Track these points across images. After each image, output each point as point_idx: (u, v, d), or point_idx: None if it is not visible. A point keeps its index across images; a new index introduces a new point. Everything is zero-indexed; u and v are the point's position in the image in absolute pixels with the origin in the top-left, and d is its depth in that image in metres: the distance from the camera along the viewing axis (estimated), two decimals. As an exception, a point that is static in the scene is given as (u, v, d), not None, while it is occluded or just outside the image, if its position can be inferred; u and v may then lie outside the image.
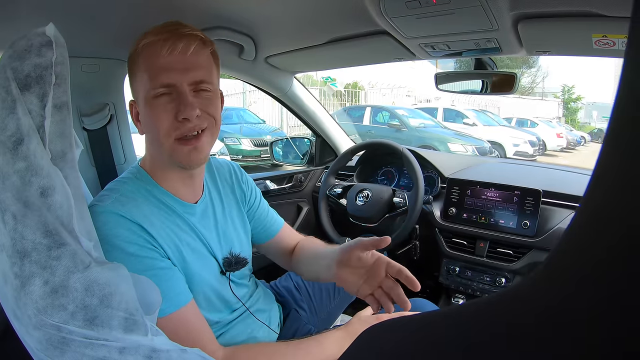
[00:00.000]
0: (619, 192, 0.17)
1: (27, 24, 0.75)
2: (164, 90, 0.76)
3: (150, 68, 0.76)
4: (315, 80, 13.48)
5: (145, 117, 0.79)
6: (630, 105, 0.18)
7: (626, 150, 0.17)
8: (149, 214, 0.78)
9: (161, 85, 0.75)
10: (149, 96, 0.76)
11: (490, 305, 0.25)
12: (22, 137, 0.55)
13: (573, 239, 0.20)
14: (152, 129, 0.79)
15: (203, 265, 0.85)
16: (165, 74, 0.75)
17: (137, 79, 0.79)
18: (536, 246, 1.36)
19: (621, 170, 0.17)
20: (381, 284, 0.86)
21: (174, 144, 0.78)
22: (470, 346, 0.23)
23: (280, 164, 2.30)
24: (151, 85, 0.76)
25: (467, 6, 0.88)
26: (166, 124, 0.76)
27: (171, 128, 0.77)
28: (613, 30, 0.92)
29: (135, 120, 0.84)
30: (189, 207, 0.86)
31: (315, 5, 1.00)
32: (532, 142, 10.77)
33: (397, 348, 0.29)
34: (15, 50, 0.57)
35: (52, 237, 0.55)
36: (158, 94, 0.76)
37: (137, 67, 0.79)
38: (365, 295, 0.88)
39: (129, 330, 0.57)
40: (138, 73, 0.78)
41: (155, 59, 0.75)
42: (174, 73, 0.75)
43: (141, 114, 0.81)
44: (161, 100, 0.76)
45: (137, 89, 0.80)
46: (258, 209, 1.08)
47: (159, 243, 0.77)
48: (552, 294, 0.20)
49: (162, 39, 0.75)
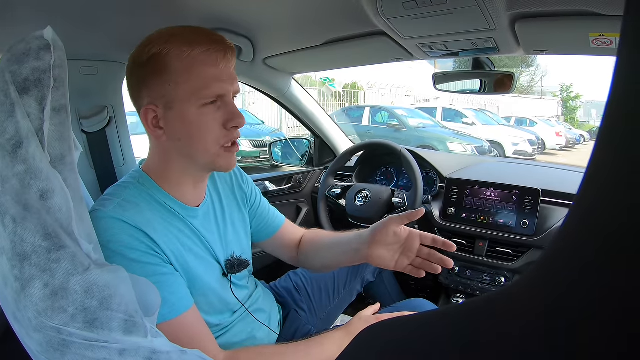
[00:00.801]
0: (613, 189, 0.17)
1: (25, 28, 0.76)
2: (215, 99, 0.77)
3: (200, 77, 0.75)
4: (313, 81, 13.47)
5: (184, 125, 0.77)
6: (624, 101, 0.18)
7: (619, 147, 0.17)
8: (152, 219, 0.77)
9: (214, 95, 0.77)
10: (195, 105, 0.76)
11: (488, 304, 0.25)
12: (21, 140, 0.55)
13: (566, 238, 0.20)
14: (196, 137, 0.78)
15: (205, 269, 0.85)
16: (218, 85, 0.76)
17: (172, 84, 0.75)
18: (535, 245, 1.37)
19: (614, 168, 0.17)
20: (418, 254, 0.92)
21: (220, 150, 0.80)
22: (469, 345, 0.23)
23: (280, 164, 2.30)
24: (201, 94, 0.75)
25: (464, 6, 0.88)
26: (216, 132, 0.78)
27: (220, 136, 0.79)
28: (610, 29, 0.92)
29: (153, 127, 0.78)
30: (191, 211, 0.86)
31: (312, 7, 1.01)
32: (531, 141, 10.77)
33: (396, 347, 0.29)
34: (13, 53, 0.58)
35: (51, 239, 0.55)
36: (207, 103, 0.77)
37: (172, 72, 0.74)
38: (404, 267, 0.93)
39: (129, 332, 0.57)
40: (174, 78, 0.75)
41: (211, 68, 0.76)
42: (225, 84, 0.78)
43: (172, 121, 0.77)
44: (208, 109, 0.77)
45: (167, 94, 0.76)
46: (259, 207, 1.09)
47: (162, 249, 0.77)
48: (546, 293, 0.20)
49: (215, 49, 0.76)
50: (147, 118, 0.77)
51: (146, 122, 0.78)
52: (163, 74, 0.75)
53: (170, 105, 0.76)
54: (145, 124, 0.79)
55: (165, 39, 0.75)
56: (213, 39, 0.77)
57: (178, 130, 0.78)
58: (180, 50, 0.74)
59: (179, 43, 0.74)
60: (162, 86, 0.75)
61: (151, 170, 0.84)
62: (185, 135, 0.78)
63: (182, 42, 0.74)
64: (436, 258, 0.90)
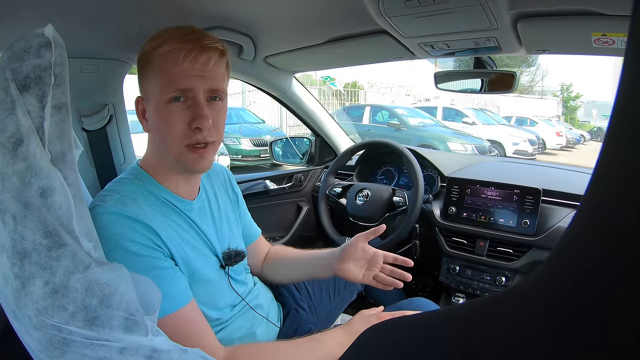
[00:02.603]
0: (621, 190, 0.17)
1: (25, 25, 0.75)
2: (179, 94, 0.78)
3: (168, 72, 0.77)
4: (314, 79, 13.47)
5: (156, 120, 0.80)
6: (632, 101, 0.17)
7: (628, 148, 0.17)
8: (151, 213, 0.78)
9: (177, 89, 0.77)
10: (163, 99, 0.77)
11: (490, 304, 0.25)
12: (22, 138, 0.55)
13: (573, 239, 0.20)
14: (162, 132, 0.80)
15: (204, 262, 0.87)
16: (183, 80, 0.77)
17: (150, 79, 0.80)
18: (536, 245, 1.36)
19: (623, 168, 0.17)
20: (382, 270, 1.04)
21: (183, 149, 0.80)
22: (471, 346, 0.23)
23: (280, 163, 2.30)
24: (167, 88, 0.77)
25: (466, 5, 0.88)
26: (178, 131, 0.78)
27: (183, 136, 0.78)
28: (612, 29, 0.92)
29: (141, 117, 0.84)
30: (187, 204, 0.88)
31: (314, 5, 1.00)
32: (531, 141, 10.77)
33: (398, 347, 0.29)
34: (14, 51, 0.57)
35: (52, 237, 0.55)
36: (172, 98, 0.77)
37: (152, 68, 0.79)
38: (369, 280, 1.04)
39: (130, 330, 0.57)
40: (152, 74, 0.79)
41: (176, 65, 0.76)
42: (192, 79, 0.78)
43: (150, 114, 0.82)
44: (175, 105, 0.78)
45: (148, 88, 0.81)
46: (243, 213, 1.12)
47: (163, 241, 0.78)
48: (553, 294, 0.20)
49: (187, 48, 0.76)
50: (138, 109, 0.85)
51: (137, 113, 0.85)
52: (147, 70, 0.80)
53: (147, 97, 0.82)
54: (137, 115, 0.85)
55: (154, 37, 0.80)
56: (184, 38, 0.77)
57: (152, 122, 0.82)
58: (158, 48, 0.78)
59: (159, 41, 0.78)
60: (146, 81, 0.81)
61: (148, 165, 0.87)
62: (156, 128, 0.82)
63: (160, 40, 0.78)
64: (397, 273, 1.04)
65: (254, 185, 1.90)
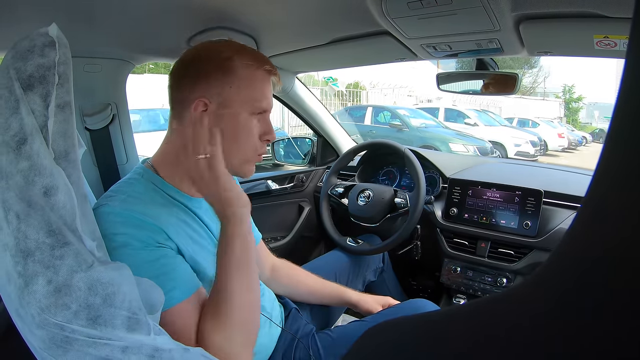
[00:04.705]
0: (622, 191, 0.17)
1: (30, 25, 0.76)
2: (263, 111, 0.86)
3: (258, 89, 0.84)
4: (316, 80, 13.45)
5: (231, 126, 0.83)
6: (633, 102, 0.18)
7: (629, 149, 0.17)
8: (158, 211, 0.78)
9: (263, 108, 0.86)
10: (247, 110, 0.83)
11: (491, 305, 0.25)
12: (26, 136, 0.55)
13: (573, 240, 0.20)
14: (237, 140, 0.84)
15: (211, 261, 0.86)
16: (267, 101, 0.86)
17: (233, 87, 0.82)
18: (537, 246, 1.36)
19: (623, 170, 0.17)
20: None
21: (254, 157, 0.88)
22: (471, 346, 0.23)
23: (282, 163, 2.30)
24: (256, 104, 0.84)
25: (469, 7, 0.88)
26: (255, 140, 0.86)
27: (258, 145, 0.87)
28: (614, 31, 0.92)
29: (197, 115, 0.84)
30: (195, 201, 0.88)
31: (317, 6, 1.00)
32: (533, 142, 10.75)
33: (398, 348, 0.29)
34: (18, 50, 0.58)
35: (55, 236, 0.55)
36: (257, 112, 0.85)
37: (237, 77, 0.82)
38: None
39: (132, 329, 0.57)
40: (237, 82, 0.82)
41: (267, 85, 0.86)
42: (271, 102, 0.89)
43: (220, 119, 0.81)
44: (254, 119, 0.85)
45: (225, 94, 0.81)
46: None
47: (171, 239, 0.77)
48: (553, 295, 0.20)
49: (274, 73, 0.87)
50: (197, 109, 0.81)
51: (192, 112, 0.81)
52: (227, 76, 0.81)
53: (227, 104, 0.82)
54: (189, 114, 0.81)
55: (236, 48, 0.84)
56: (272, 64, 0.87)
57: (226, 128, 0.82)
58: (249, 63, 0.83)
59: (249, 57, 0.84)
60: (223, 86, 0.81)
61: (160, 164, 0.86)
62: (231, 134, 0.83)
63: (251, 57, 0.84)
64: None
65: (256, 186, 1.90)
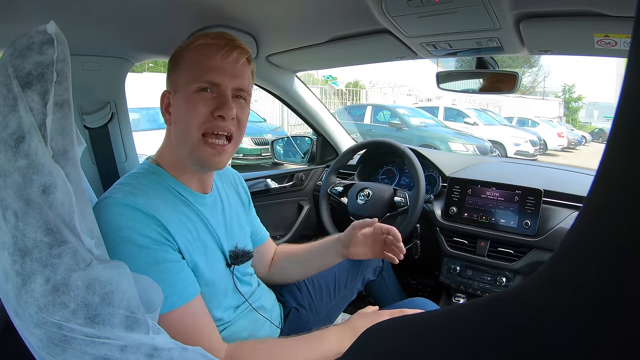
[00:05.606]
0: (625, 191, 0.17)
1: (28, 22, 0.75)
2: (207, 86, 0.81)
3: (200, 65, 0.81)
4: (316, 78, 13.46)
5: (180, 108, 0.83)
6: (636, 103, 0.17)
7: (632, 149, 0.17)
8: (162, 206, 0.78)
9: (207, 81, 0.81)
10: (191, 89, 0.81)
11: (491, 305, 0.25)
12: (24, 134, 0.55)
13: (576, 240, 0.20)
14: (185, 119, 0.82)
15: (211, 258, 0.87)
16: (214, 74, 0.81)
17: (180, 72, 0.83)
18: (537, 246, 1.36)
19: (626, 169, 0.17)
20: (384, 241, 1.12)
21: (200, 140, 0.81)
22: (471, 346, 0.23)
23: (281, 162, 2.30)
24: (198, 79, 0.81)
25: (469, 5, 0.88)
26: (201, 117, 0.80)
27: (204, 121, 0.80)
28: (615, 30, 0.91)
29: (164, 111, 0.87)
30: (200, 197, 0.88)
31: (316, 4, 1.00)
32: (533, 142, 10.75)
33: (398, 347, 0.29)
34: (16, 48, 0.57)
35: (53, 235, 0.55)
36: (201, 88, 0.81)
37: (183, 61, 0.83)
38: (381, 253, 1.14)
39: (130, 328, 0.57)
40: (183, 66, 0.83)
41: (208, 59, 0.81)
42: (223, 75, 0.82)
43: (175, 105, 0.84)
44: (202, 95, 0.81)
45: (176, 80, 0.84)
46: (253, 216, 1.14)
47: (172, 235, 0.77)
48: (556, 295, 0.19)
49: (220, 44, 0.82)
50: (162, 103, 0.86)
51: (161, 106, 0.87)
52: (178, 64, 0.84)
53: (176, 89, 0.84)
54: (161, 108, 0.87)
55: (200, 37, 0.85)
56: (217, 36, 0.84)
57: (176, 112, 0.84)
58: (191, 44, 0.83)
59: (193, 39, 0.84)
60: (175, 74, 0.85)
61: (162, 159, 0.88)
62: (179, 117, 0.83)
63: (194, 38, 0.84)
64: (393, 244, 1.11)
65: (255, 184, 1.89)
